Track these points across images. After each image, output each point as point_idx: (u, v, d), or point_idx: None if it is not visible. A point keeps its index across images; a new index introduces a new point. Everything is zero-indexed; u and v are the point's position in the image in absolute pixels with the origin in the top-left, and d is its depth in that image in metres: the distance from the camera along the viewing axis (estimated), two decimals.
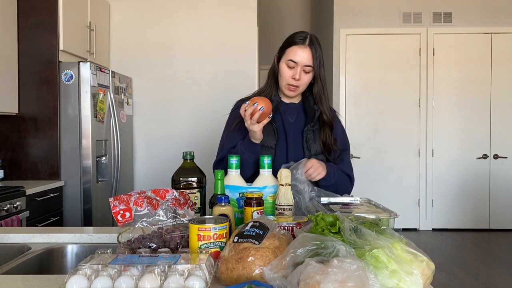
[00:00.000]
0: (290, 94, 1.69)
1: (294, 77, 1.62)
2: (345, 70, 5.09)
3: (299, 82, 1.64)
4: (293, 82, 1.64)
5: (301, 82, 1.65)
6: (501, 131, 5.05)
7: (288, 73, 1.64)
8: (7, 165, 3.17)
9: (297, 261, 0.84)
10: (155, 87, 4.12)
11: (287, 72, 1.64)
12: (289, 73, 1.64)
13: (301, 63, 1.62)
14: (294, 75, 1.63)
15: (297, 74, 1.62)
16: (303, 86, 1.68)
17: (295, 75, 1.62)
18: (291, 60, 1.62)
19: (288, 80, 1.65)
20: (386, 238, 0.91)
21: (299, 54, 1.61)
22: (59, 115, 3.17)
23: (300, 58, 1.61)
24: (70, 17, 3.30)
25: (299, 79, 1.63)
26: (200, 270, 0.88)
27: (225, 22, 4.09)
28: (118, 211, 1.13)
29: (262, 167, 1.41)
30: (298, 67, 1.62)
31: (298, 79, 1.62)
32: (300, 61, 1.61)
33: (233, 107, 1.85)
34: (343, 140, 1.75)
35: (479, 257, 4.19)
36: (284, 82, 1.67)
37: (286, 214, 1.32)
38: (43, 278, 1.03)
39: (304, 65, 1.62)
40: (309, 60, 1.62)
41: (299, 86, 1.66)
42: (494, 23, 4.99)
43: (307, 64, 1.62)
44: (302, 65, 1.62)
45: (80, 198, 3.17)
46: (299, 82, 1.64)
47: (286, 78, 1.65)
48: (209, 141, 4.09)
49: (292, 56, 1.62)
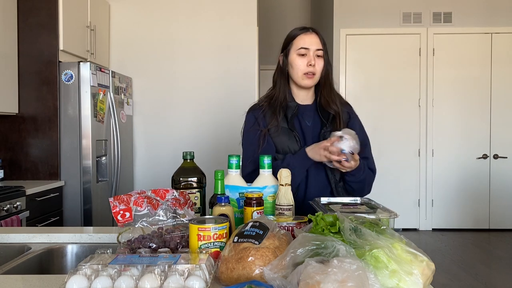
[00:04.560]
0: (308, 83, 1.63)
1: (310, 63, 1.59)
2: (345, 70, 5.09)
3: (315, 68, 1.60)
4: (309, 69, 1.60)
5: (317, 68, 1.61)
6: (501, 131, 5.05)
7: (302, 61, 1.60)
8: (7, 165, 3.17)
9: (297, 261, 0.84)
10: (155, 87, 4.12)
11: (301, 61, 1.61)
12: (303, 61, 1.60)
13: (313, 47, 1.60)
14: (309, 62, 1.59)
15: (311, 59, 1.59)
16: (319, 73, 1.63)
17: (310, 61, 1.59)
18: (302, 48, 1.60)
19: (303, 68, 1.61)
20: (386, 238, 0.91)
21: (308, 40, 1.60)
22: (59, 115, 3.17)
23: (310, 43, 1.59)
24: (70, 17, 3.30)
25: (315, 64, 1.60)
26: (200, 270, 0.88)
27: (225, 22, 4.09)
28: (118, 211, 1.13)
29: (262, 167, 1.41)
30: (311, 52, 1.59)
31: (313, 64, 1.59)
32: (311, 46, 1.59)
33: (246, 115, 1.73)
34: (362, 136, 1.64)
35: (479, 257, 4.19)
36: (300, 73, 1.62)
37: (286, 214, 1.32)
38: (43, 278, 1.03)
39: (315, 49, 1.60)
40: (319, 44, 1.61)
41: (315, 73, 1.61)
42: (494, 23, 4.99)
43: (318, 48, 1.61)
44: (314, 49, 1.60)
45: (80, 198, 3.17)
46: (315, 69, 1.60)
47: (301, 67, 1.61)
48: (209, 141, 4.09)
49: (301, 43, 1.60)
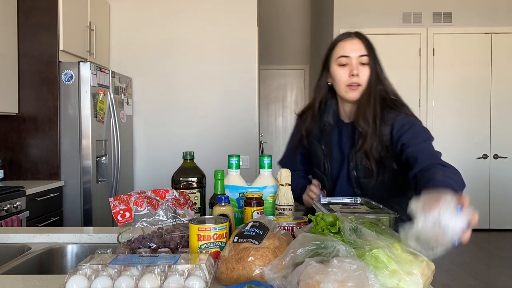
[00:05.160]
0: (353, 96, 1.44)
1: (352, 72, 1.41)
2: None
3: (359, 78, 1.41)
4: (352, 80, 1.41)
5: (361, 78, 1.42)
6: (501, 131, 5.05)
7: (343, 72, 1.43)
8: (7, 165, 3.17)
9: (297, 261, 0.84)
10: (155, 87, 4.13)
11: (342, 72, 1.43)
12: (344, 71, 1.43)
13: (354, 54, 1.42)
14: (351, 71, 1.41)
15: (354, 68, 1.41)
16: (365, 83, 1.43)
17: (352, 70, 1.41)
18: (342, 56, 1.43)
19: (345, 80, 1.43)
20: (386, 238, 0.91)
21: (348, 47, 1.43)
22: (59, 115, 3.17)
23: (351, 49, 1.42)
24: (70, 17, 3.30)
25: (358, 74, 1.41)
26: (200, 270, 0.88)
27: (225, 22, 4.09)
28: (118, 211, 1.13)
29: (262, 167, 1.40)
30: (353, 61, 1.42)
31: (356, 73, 1.41)
32: (352, 53, 1.42)
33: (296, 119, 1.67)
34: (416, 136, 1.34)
35: (479, 257, 4.19)
36: (342, 85, 1.44)
37: (286, 214, 1.32)
38: (43, 278, 1.03)
39: (358, 55, 1.42)
40: (361, 50, 1.42)
41: (360, 84, 1.42)
42: (494, 23, 4.99)
43: (361, 54, 1.42)
44: (356, 56, 1.42)
45: (80, 198, 3.17)
46: (358, 79, 1.41)
47: (343, 78, 1.43)
48: (209, 141, 4.09)
49: (341, 51, 1.43)
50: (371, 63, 1.43)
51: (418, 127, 1.37)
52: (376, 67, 1.43)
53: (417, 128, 1.36)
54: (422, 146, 1.31)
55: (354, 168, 1.45)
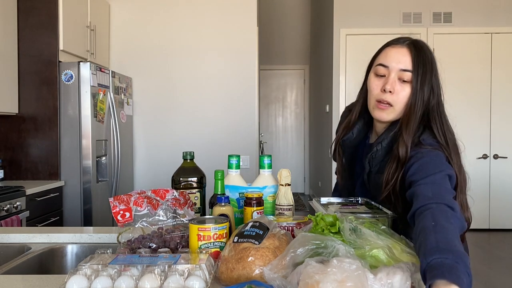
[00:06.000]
0: (381, 117, 1.18)
1: (384, 87, 1.15)
2: (345, 70, 5.09)
3: (392, 96, 1.15)
4: (382, 97, 1.16)
5: (396, 97, 1.15)
6: (501, 131, 5.05)
7: (378, 83, 1.18)
8: (7, 165, 3.18)
9: (297, 261, 0.84)
10: (155, 87, 4.13)
11: (376, 83, 1.18)
12: (379, 83, 1.18)
13: (395, 67, 1.15)
14: (384, 86, 1.16)
15: (388, 82, 1.14)
16: (400, 105, 1.15)
17: (385, 84, 1.15)
18: (381, 64, 1.18)
19: (376, 94, 1.18)
20: (386, 238, 0.91)
21: (391, 55, 1.17)
22: (59, 115, 3.17)
23: (392, 59, 1.16)
24: (70, 17, 3.30)
25: (392, 91, 1.14)
26: (200, 270, 0.88)
27: (225, 22, 4.10)
28: (118, 211, 1.13)
29: (262, 167, 1.41)
30: (392, 73, 1.15)
31: (389, 90, 1.14)
32: (393, 64, 1.15)
33: None
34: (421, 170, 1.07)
35: (479, 257, 4.19)
36: (372, 99, 1.20)
37: (286, 214, 1.32)
38: (43, 278, 1.03)
39: (399, 69, 1.15)
40: (406, 63, 1.14)
41: (393, 105, 1.15)
42: (494, 23, 4.99)
43: (403, 69, 1.14)
44: (396, 70, 1.15)
45: (80, 198, 3.17)
46: (392, 97, 1.15)
47: (375, 91, 1.19)
48: (209, 141, 4.09)
49: (382, 59, 1.19)
50: (415, 83, 1.14)
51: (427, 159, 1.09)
52: (421, 89, 1.14)
53: (424, 160, 1.08)
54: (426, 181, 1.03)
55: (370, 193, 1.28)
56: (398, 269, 0.79)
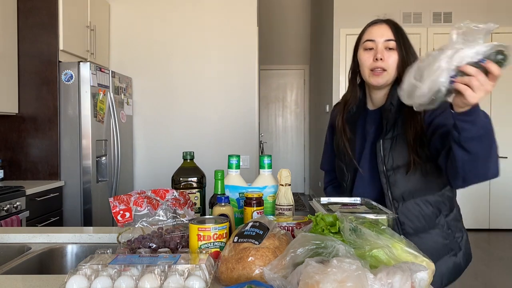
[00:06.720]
0: (377, 82, 1.39)
1: (376, 57, 1.37)
2: (345, 70, 5.09)
3: (383, 62, 1.36)
4: (376, 64, 1.37)
5: (386, 62, 1.36)
6: (501, 131, 5.05)
7: (368, 56, 1.39)
8: (7, 165, 3.18)
9: (297, 261, 0.84)
10: (155, 87, 4.13)
11: (367, 56, 1.40)
12: (369, 56, 1.39)
13: (380, 39, 1.37)
14: (375, 55, 1.37)
15: (378, 52, 1.37)
16: (391, 69, 1.37)
17: (376, 54, 1.37)
18: (368, 40, 1.40)
19: (369, 64, 1.39)
20: (386, 238, 0.91)
21: (374, 31, 1.40)
22: (59, 115, 3.18)
23: (377, 33, 1.38)
24: (70, 17, 3.30)
25: (382, 58, 1.36)
26: (200, 270, 0.88)
27: (225, 22, 4.10)
28: (118, 211, 1.13)
29: (262, 167, 1.41)
30: (379, 45, 1.37)
31: (380, 58, 1.36)
32: (378, 37, 1.38)
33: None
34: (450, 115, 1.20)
35: (479, 257, 4.19)
36: (366, 70, 1.41)
37: (286, 214, 1.32)
38: (43, 278, 1.03)
39: (384, 40, 1.37)
40: (389, 34, 1.38)
41: (385, 69, 1.37)
42: (494, 23, 4.99)
43: (387, 39, 1.37)
44: (382, 41, 1.37)
45: (80, 198, 3.17)
46: (383, 63, 1.36)
47: (367, 63, 1.40)
48: (209, 141, 4.09)
49: (367, 36, 1.41)
50: (400, 49, 1.37)
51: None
52: (405, 53, 1.36)
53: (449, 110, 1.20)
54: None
55: (382, 161, 1.38)
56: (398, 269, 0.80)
